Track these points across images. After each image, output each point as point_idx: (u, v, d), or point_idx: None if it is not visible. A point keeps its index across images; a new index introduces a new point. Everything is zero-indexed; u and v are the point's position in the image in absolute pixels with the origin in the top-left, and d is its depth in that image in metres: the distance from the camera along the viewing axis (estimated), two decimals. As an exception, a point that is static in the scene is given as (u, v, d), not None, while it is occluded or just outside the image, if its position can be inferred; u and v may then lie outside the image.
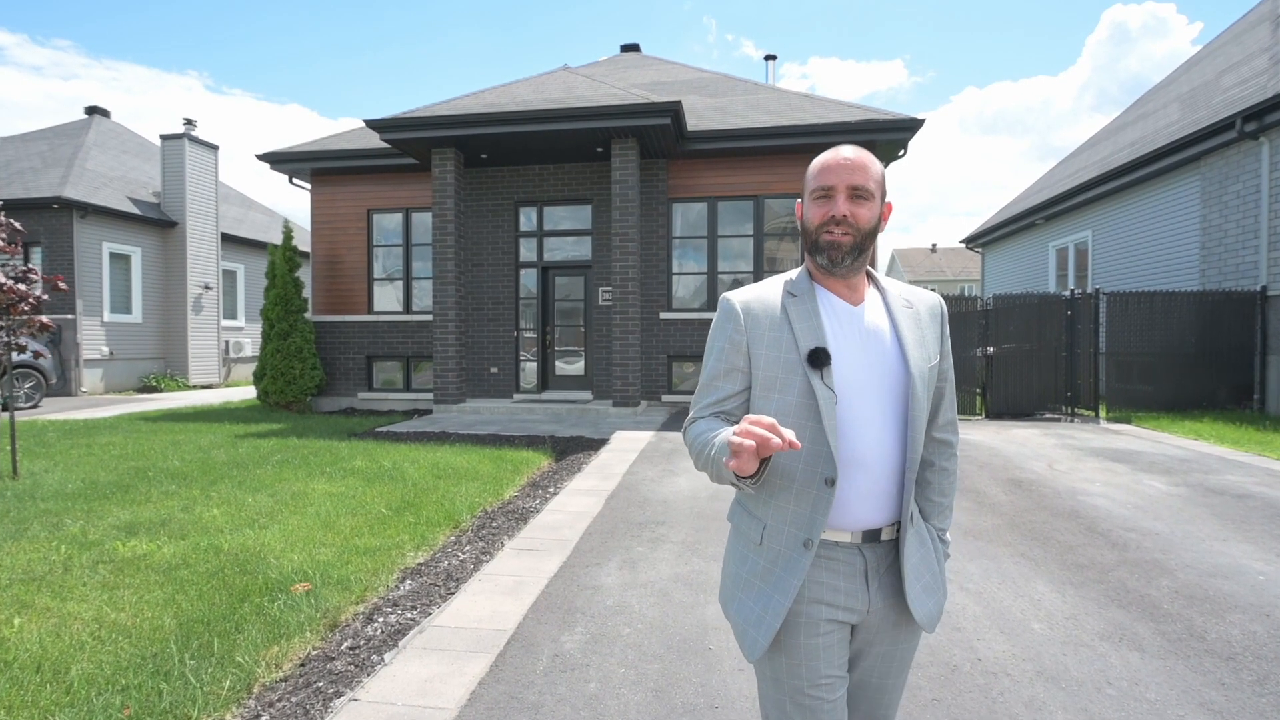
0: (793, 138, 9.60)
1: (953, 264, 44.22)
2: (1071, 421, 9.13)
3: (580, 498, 5.00)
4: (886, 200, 1.26)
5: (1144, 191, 11.85)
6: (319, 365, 10.74)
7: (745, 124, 9.79)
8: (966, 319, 9.63)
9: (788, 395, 1.20)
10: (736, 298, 1.28)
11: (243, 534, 3.95)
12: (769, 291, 1.28)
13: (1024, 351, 9.61)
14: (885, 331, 1.23)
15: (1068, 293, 9.58)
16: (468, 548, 3.93)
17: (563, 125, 8.93)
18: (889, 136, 9.47)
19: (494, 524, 4.38)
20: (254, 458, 6.28)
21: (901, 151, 9.96)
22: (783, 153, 10.02)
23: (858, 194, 1.19)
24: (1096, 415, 9.37)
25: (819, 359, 1.17)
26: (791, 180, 10.11)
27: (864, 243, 1.21)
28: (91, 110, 19.50)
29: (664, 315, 10.35)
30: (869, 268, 1.30)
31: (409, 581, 3.40)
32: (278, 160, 11.02)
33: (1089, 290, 9.46)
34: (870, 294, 1.29)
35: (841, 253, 1.20)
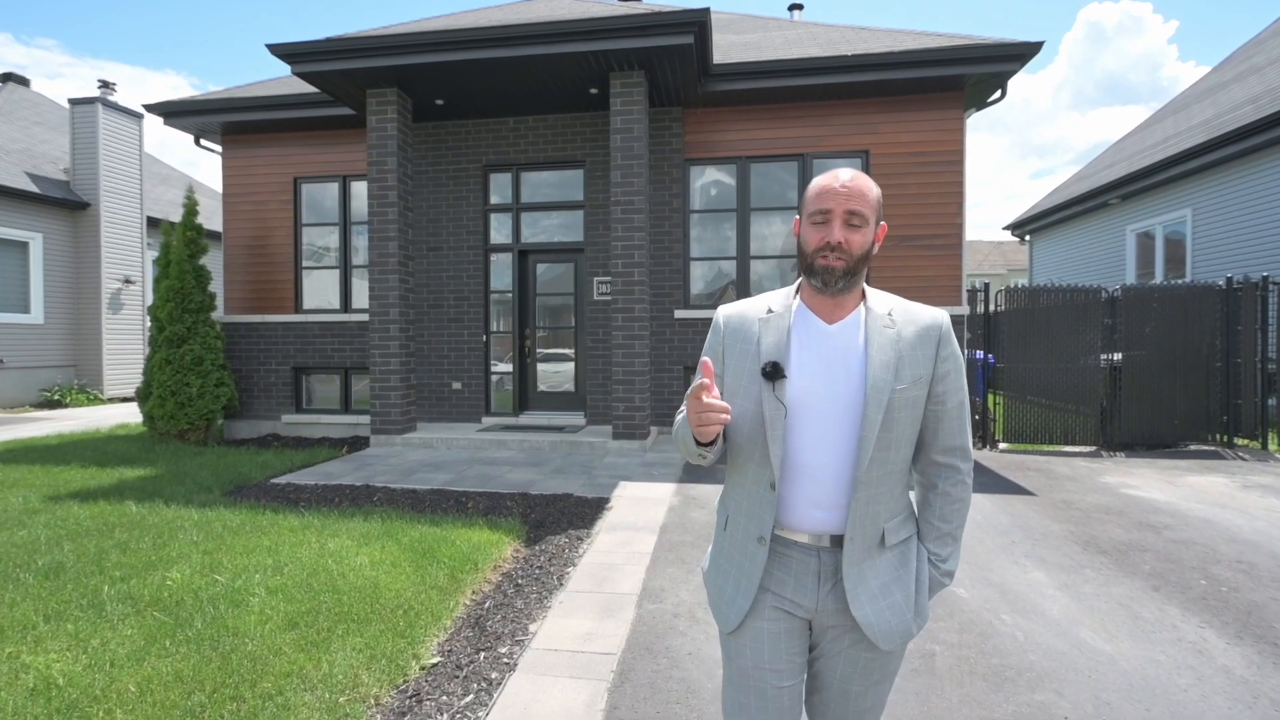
0: (854, 73, 7.09)
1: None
2: (1237, 458, 6.70)
3: (560, 682, 2.50)
4: (880, 223, 1.26)
5: (1275, 157, 9.41)
6: (228, 380, 8.18)
7: (791, 55, 7.28)
8: (1084, 315, 7.18)
9: (746, 403, 1.25)
10: (723, 311, 1.36)
11: None
12: (753, 307, 1.33)
13: (1163, 361, 7.17)
14: (855, 351, 1.24)
15: (1222, 283, 7.17)
16: None
17: (543, 49, 6.39)
18: (985, 69, 6.98)
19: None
20: (21, 554, 3.76)
21: (998, 93, 7.47)
22: (839, 97, 7.52)
23: (853, 220, 1.20)
24: (1265, 447, 6.96)
25: (772, 373, 1.22)
26: (850, 135, 7.60)
27: (857, 266, 1.22)
28: (7, 77, 16.81)
29: (679, 314, 7.85)
30: (865, 285, 1.30)
31: None
32: (173, 112, 8.45)
33: (1251, 280, 7.02)
34: (855, 313, 1.27)
35: (835, 276, 1.21)
